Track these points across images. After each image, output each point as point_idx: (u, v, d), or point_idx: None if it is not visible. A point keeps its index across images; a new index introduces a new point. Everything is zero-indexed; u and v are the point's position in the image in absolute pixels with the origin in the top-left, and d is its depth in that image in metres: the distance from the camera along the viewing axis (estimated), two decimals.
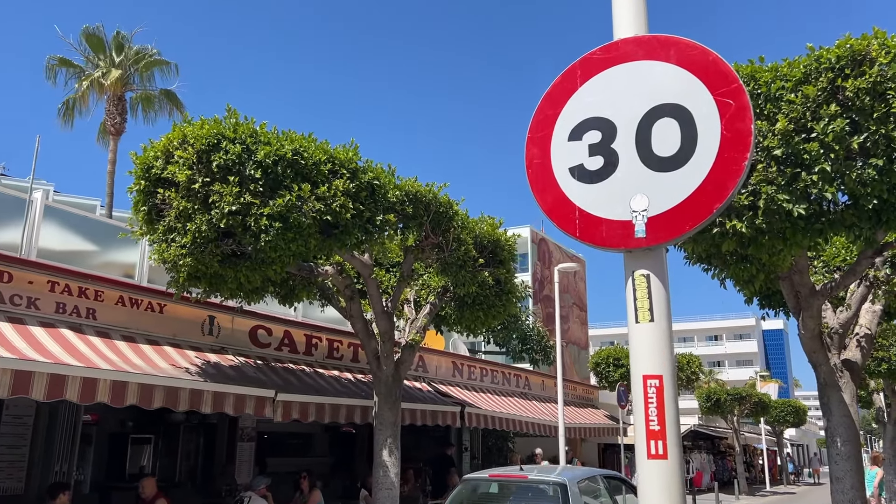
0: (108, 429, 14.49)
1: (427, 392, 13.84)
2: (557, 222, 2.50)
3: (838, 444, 7.85)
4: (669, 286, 2.29)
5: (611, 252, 2.39)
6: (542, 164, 2.53)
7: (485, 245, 11.49)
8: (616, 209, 2.35)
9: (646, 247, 2.30)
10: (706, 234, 6.19)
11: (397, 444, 10.66)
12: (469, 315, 11.53)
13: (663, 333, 2.25)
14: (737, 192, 2.31)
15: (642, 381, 2.25)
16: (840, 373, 8.14)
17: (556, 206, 2.50)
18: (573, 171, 2.47)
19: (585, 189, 2.44)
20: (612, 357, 21.01)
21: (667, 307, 2.28)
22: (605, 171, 2.41)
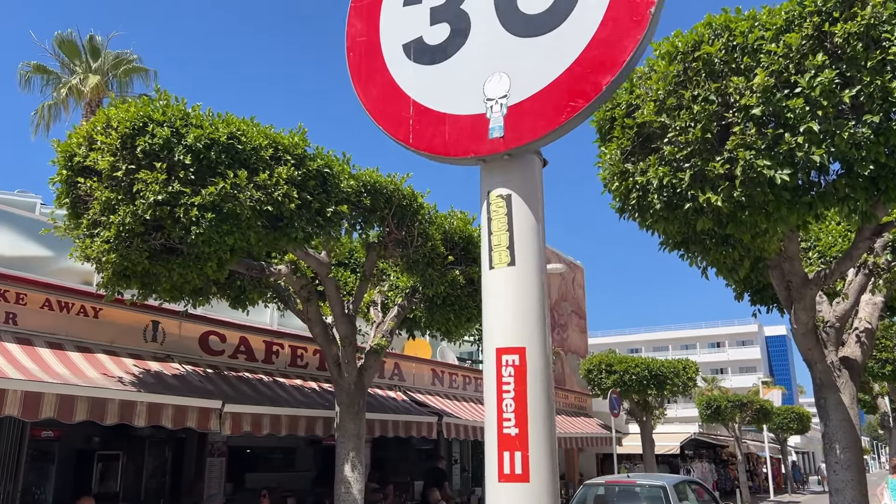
0: (74, 445, 13.67)
1: (402, 402, 13.01)
2: (385, 125, 1.66)
3: (837, 452, 7.01)
4: (544, 214, 1.50)
5: (460, 164, 1.59)
6: (367, 42, 1.71)
7: (456, 242, 10.69)
8: (464, 99, 1.54)
9: (505, 152, 1.49)
10: (678, 212, 5.38)
11: (361, 458, 9.82)
12: (440, 317, 10.71)
13: (530, 284, 1.46)
14: (639, 56, 1.53)
15: (495, 358, 1.45)
16: (838, 372, 7.31)
17: (384, 102, 1.67)
18: (408, 49, 1.65)
19: (423, 72, 1.63)
20: (604, 363, 20.13)
21: (537, 245, 1.50)
22: (451, 43, 1.60)
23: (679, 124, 5.04)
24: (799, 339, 7.19)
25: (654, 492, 11.71)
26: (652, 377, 19.58)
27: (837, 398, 7.17)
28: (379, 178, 9.15)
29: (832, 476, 7.09)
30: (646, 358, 20.45)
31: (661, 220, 5.50)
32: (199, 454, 14.45)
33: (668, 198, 5.27)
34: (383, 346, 10.31)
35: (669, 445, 30.52)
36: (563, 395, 21.37)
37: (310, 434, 10.42)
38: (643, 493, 11.93)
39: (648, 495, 11.81)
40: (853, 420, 7.16)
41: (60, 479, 13.17)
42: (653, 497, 11.68)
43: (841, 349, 7.54)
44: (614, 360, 20.14)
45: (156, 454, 14.66)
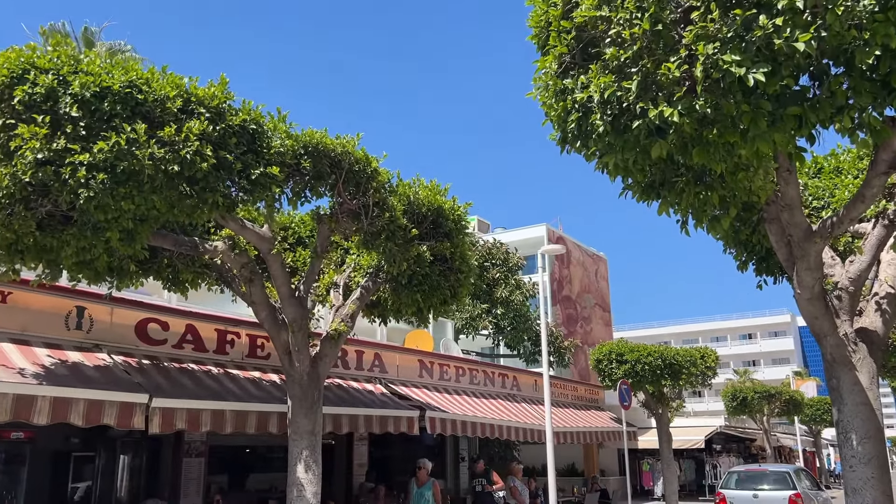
0: (50, 447, 12.81)
1: (380, 395, 11.92)
2: None
3: (853, 443, 5.73)
4: None
5: None
6: None
7: (423, 214, 9.55)
8: None
9: None
10: (627, 136, 4.16)
11: (316, 457, 8.72)
12: (406, 298, 9.56)
13: None
14: None
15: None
16: (853, 346, 6.02)
17: None
18: None
19: None
20: (614, 353, 18.78)
21: None
22: None
23: (622, 16, 3.82)
24: (803, 306, 5.91)
25: (781, 475, 16.01)
26: (666, 366, 18.21)
27: (853, 378, 5.89)
28: (323, 139, 8.04)
29: (848, 473, 5.81)
30: (659, 346, 19.08)
31: (609, 149, 4.28)
32: (176, 454, 13.50)
33: (612, 116, 4.05)
34: (342, 332, 9.20)
35: (694, 440, 29.04)
36: (573, 387, 20.10)
37: (262, 432, 9.36)
38: (772, 476, 16.21)
39: (776, 478, 16.04)
40: (873, 404, 5.87)
41: (33, 483, 12.32)
42: (780, 479, 15.87)
43: (857, 319, 6.24)
44: (625, 348, 18.79)
45: (130, 456, 13.77)
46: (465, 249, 10.19)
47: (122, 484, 13.40)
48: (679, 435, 29.31)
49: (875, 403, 5.90)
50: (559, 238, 55.55)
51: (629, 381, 18.29)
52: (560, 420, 17.01)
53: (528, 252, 54.81)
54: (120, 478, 13.44)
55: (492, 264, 30.66)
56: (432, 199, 9.67)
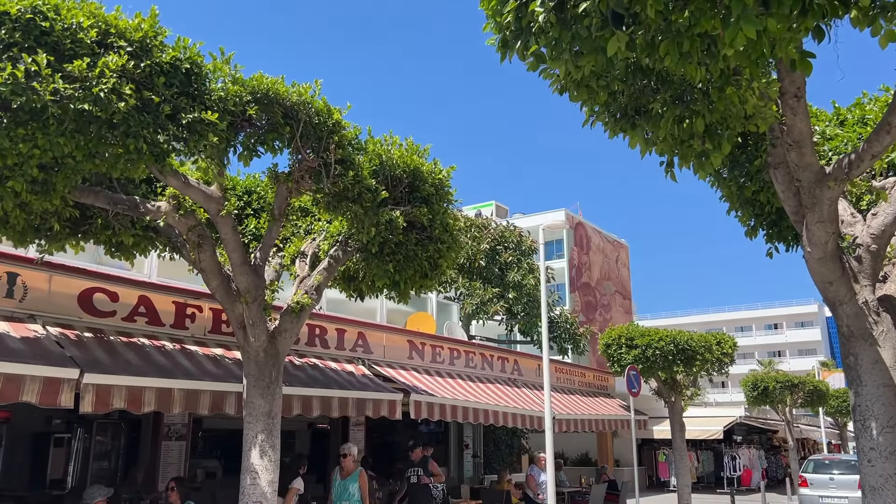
0: (29, 428, 12.22)
1: (361, 377, 11.09)
2: None
3: (873, 432, 4.74)
4: None
5: None
6: None
7: (398, 176, 8.64)
8: None
9: None
10: (575, 28, 3.20)
11: (274, 441, 7.89)
12: (377, 269, 8.66)
13: None
14: None
15: None
16: (875, 316, 5.01)
17: None
18: None
19: None
20: (624, 337, 17.76)
21: None
22: None
23: None
24: (814, 268, 4.91)
25: (851, 462, 17.64)
26: (679, 352, 17.14)
27: (873, 354, 4.89)
28: (276, 86, 7.14)
29: (866, 468, 4.82)
30: (671, 330, 18.01)
31: (556, 49, 3.31)
32: (154, 437, 12.81)
33: (555, 1, 3.09)
34: (306, 305, 8.33)
35: (712, 430, 27.96)
36: (581, 373, 19.14)
37: (218, 412, 8.56)
38: (845, 463, 18.45)
39: (848, 464, 18.08)
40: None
41: (9, 464, 11.73)
42: (851, 466, 17.59)
43: (881, 286, 5.21)
44: (635, 332, 17.75)
45: (107, 438, 13.12)
46: (446, 218, 9.25)
47: (97, 467, 12.78)
48: (697, 425, 28.22)
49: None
50: (578, 224, 54.39)
51: (639, 366, 17.26)
52: (564, 407, 16.07)
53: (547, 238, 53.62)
54: (95, 461, 12.80)
55: (504, 247, 29.68)
56: (408, 160, 8.75)
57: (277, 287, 8.74)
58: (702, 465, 30.51)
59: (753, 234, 7.43)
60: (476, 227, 27.78)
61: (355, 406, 10.14)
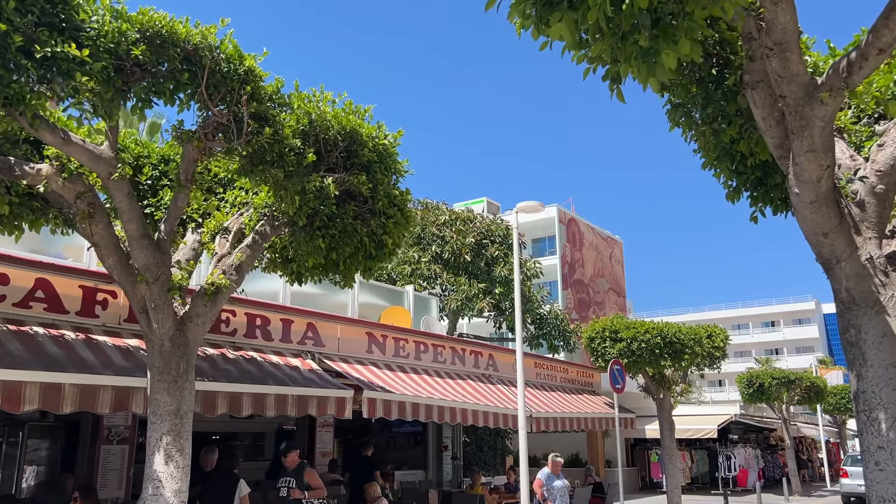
0: None
1: (307, 371, 9.98)
2: None
3: (881, 426, 3.64)
4: None
5: None
6: None
7: (331, 139, 7.53)
8: None
9: None
10: None
11: (182, 445, 6.76)
12: (306, 245, 7.53)
13: None
14: None
15: None
16: (882, 277, 3.91)
17: None
18: None
19: None
20: (608, 330, 16.66)
21: None
22: None
23: None
24: (804, 214, 3.81)
25: None
26: (666, 345, 16.05)
27: (881, 326, 3.79)
28: (172, 25, 6.03)
29: (872, 473, 3.71)
30: (658, 322, 16.92)
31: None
32: (93, 441, 11.65)
33: None
34: (223, 286, 7.20)
35: (706, 429, 26.86)
36: (563, 369, 18.02)
37: (118, 410, 7.44)
38: None
39: None
40: None
41: None
42: None
43: (888, 242, 4.11)
44: (620, 325, 16.65)
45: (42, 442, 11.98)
46: (391, 189, 8.14)
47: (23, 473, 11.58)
48: (691, 424, 27.12)
49: None
50: (571, 220, 53.33)
51: (624, 361, 16.16)
52: (542, 405, 14.95)
53: (538, 234, 52.70)
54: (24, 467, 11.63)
55: (490, 241, 28.57)
56: (343, 121, 7.65)
57: (193, 267, 7.61)
58: (696, 465, 29.41)
59: (736, 195, 6.33)
60: (461, 221, 26.71)
61: (295, 404, 9.02)
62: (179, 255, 7.84)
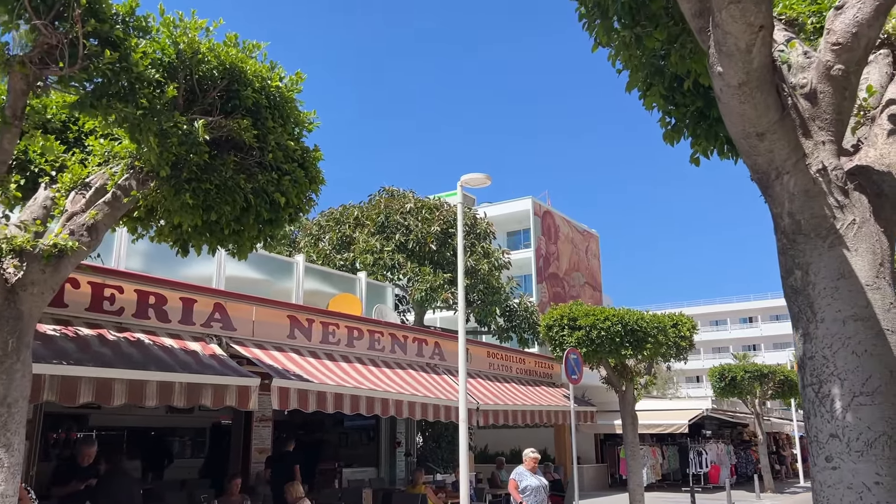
0: None
1: (209, 357, 8.76)
2: None
3: (835, 405, 2.51)
4: None
5: None
6: None
7: (206, 75, 6.33)
8: None
9: None
10: None
11: (9, 440, 5.53)
12: (170, 200, 6.29)
13: None
14: None
15: None
16: (841, 197, 2.76)
17: None
18: None
19: None
20: (566, 317, 15.55)
21: None
22: None
23: None
24: (730, 104, 2.68)
25: None
26: (627, 333, 14.97)
27: (837, 264, 2.66)
28: None
29: (821, 470, 2.60)
30: (620, 310, 15.84)
31: None
32: None
33: None
34: (67, 248, 5.96)
35: (677, 424, 25.94)
36: (520, 359, 16.90)
37: None
38: None
39: None
40: (880, 320, 2.63)
41: None
42: None
43: (850, 156, 2.98)
44: (579, 312, 15.53)
45: None
46: (285, 140, 6.94)
47: None
48: (661, 418, 26.19)
49: (886, 319, 2.64)
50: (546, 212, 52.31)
51: (582, 350, 15.06)
52: (492, 396, 13.81)
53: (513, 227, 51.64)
54: None
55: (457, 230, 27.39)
56: (223, 55, 6.44)
57: (41, 228, 6.36)
58: (667, 461, 28.50)
59: (675, 135, 5.20)
60: (427, 209, 25.57)
61: (184, 393, 7.79)
62: (26, 213, 6.60)
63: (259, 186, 6.80)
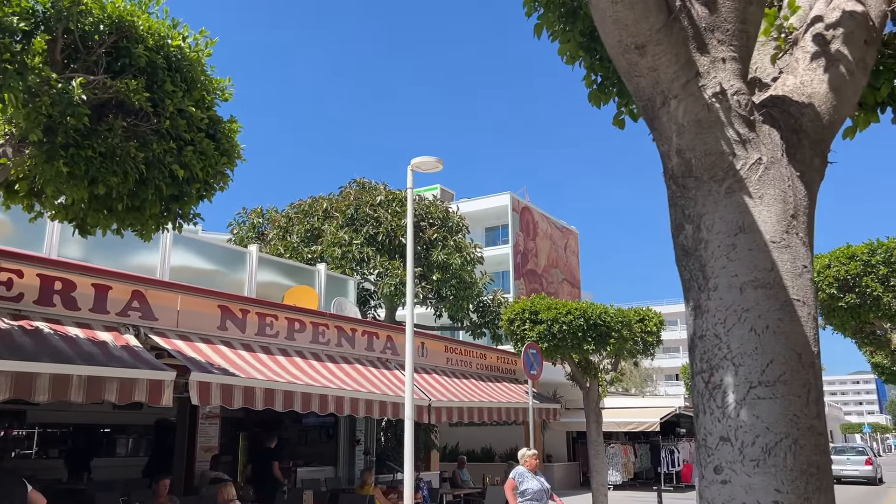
0: None
1: (120, 348, 8.03)
2: None
3: (727, 397, 1.82)
4: None
5: None
6: None
7: (90, 30, 5.62)
8: None
9: None
10: None
11: None
12: (41, 168, 5.57)
13: None
14: None
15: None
16: (746, 131, 2.10)
17: None
18: None
19: None
20: (527, 311, 14.94)
21: None
22: None
23: None
24: (601, 5, 1.97)
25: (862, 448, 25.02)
26: (590, 328, 14.39)
27: (737, 214, 2.00)
28: None
29: (708, 485, 1.92)
30: (583, 303, 15.26)
31: None
32: None
33: None
34: None
35: (649, 422, 25.48)
36: (481, 354, 16.27)
37: None
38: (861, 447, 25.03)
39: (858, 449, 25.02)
40: (790, 286, 1.96)
41: None
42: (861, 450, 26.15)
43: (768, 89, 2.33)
44: (541, 305, 14.92)
45: None
46: (185, 105, 6.24)
47: None
48: (633, 416, 25.72)
49: (796, 287, 2.00)
50: (525, 208, 51.74)
51: (543, 345, 14.46)
52: (447, 392, 13.16)
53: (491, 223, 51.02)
54: None
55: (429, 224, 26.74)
56: (109, 7, 5.74)
57: None
58: (640, 459, 28.07)
59: (602, 97, 4.60)
60: (398, 202, 24.89)
61: (83, 387, 7.06)
62: None
63: (154, 156, 6.10)
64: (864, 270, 11.54)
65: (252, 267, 14.81)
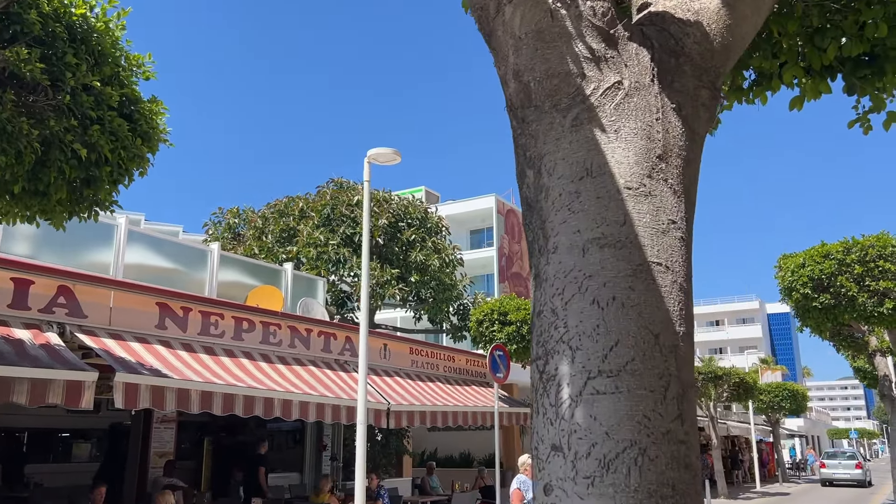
0: None
1: (37, 347, 7.46)
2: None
3: (562, 392, 1.37)
4: None
5: None
6: None
7: None
8: None
9: None
10: None
11: None
12: None
13: None
14: None
15: None
16: (599, 42, 1.57)
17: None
18: None
19: None
20: (496, 312, 14.46)
21: None
22: None
23: None
24: None
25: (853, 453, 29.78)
26: None
27: (585, 152, 1.51)
28: None
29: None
30: None
31: None
32: None
33: None
34: None
35: None
36: (448, 356, 15.72)
37: None
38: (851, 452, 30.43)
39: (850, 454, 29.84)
40: (648, 245, 1.43)
41: None
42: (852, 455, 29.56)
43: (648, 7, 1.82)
44: (510, 306, 14.44)
45: None
46: (91, 80, 5.71)
47: None
48: None
49: (657, 246, 1.48)
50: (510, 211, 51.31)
51: (512, 347, 13.97)
52: (408, 396, 12.62)
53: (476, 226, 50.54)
54: None
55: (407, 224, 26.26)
56: None
57: None
58: None
59: None
60: (376, 202, 24.40)
61: None
62: None
63: (52, 134, 5.56)
64: (839, 269, 11.11)
65: (213, 265, 14.25)
